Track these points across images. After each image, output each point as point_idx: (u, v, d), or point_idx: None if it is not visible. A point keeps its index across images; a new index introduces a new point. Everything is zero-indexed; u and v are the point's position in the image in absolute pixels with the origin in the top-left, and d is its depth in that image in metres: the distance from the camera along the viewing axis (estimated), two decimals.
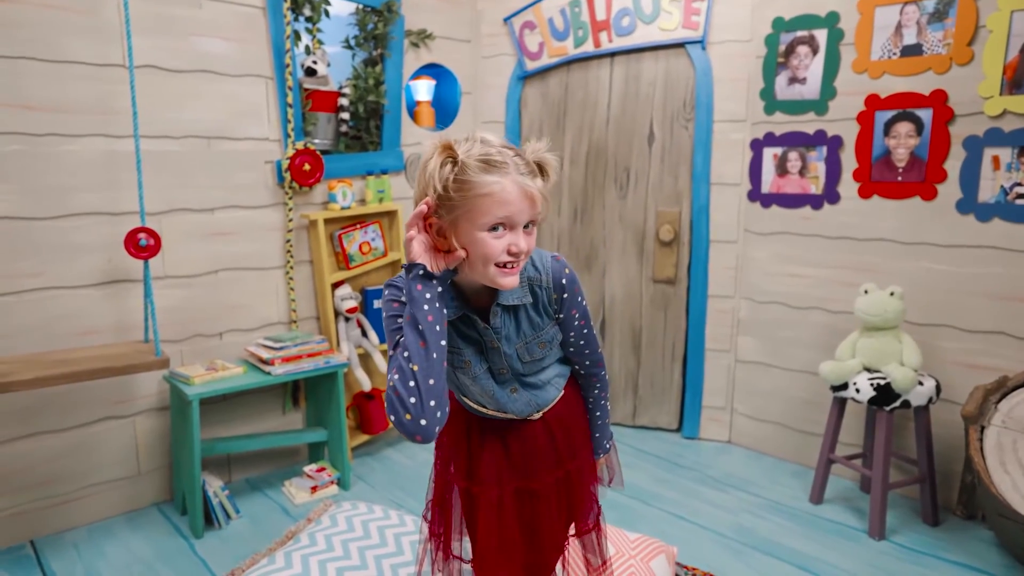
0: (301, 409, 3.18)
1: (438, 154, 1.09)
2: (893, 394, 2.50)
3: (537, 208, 1.14)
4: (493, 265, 1.13)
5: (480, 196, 1.09)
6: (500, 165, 1.10)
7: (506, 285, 1.16)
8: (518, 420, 1.37)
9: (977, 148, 2.58)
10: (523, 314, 1.27)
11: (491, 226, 1.11)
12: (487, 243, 1.11)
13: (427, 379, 1.08)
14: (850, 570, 2.36)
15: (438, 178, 1.08)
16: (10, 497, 2.45)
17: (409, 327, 1.10)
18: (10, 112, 2.31)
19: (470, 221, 1.10)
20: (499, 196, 1.09)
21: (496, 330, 1.25)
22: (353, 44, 3.21)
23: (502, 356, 1.28)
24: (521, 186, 1.11)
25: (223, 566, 2.35)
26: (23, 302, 2.42)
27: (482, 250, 1.12)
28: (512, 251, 1.12)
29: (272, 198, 2.98)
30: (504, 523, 1.33)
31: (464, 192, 1.09)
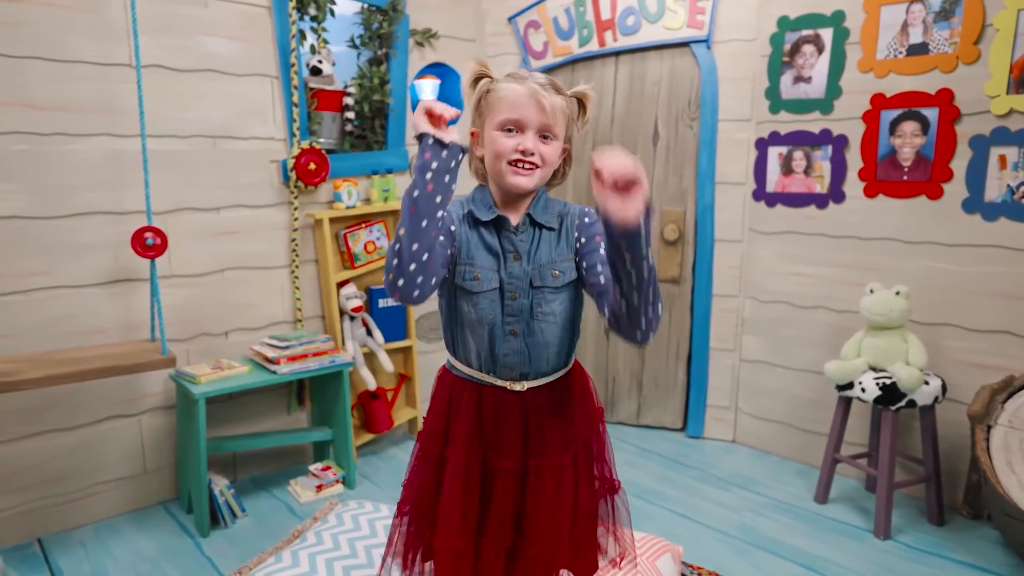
0: (306, 408, 3.18)
1: (475, 69, 1.29)
2: (899, 393, 2.49)
3: (548, 118, 1.24)
4: (506, 163, 1.25)
5: (497, 99, 1.26)
6: (521, 77, 1.27)
7: (519, 184, 1.26)
8: (497, 389, 1.34)
9: (983, 147, 2.57)
10: (547, 236, 1.34)
11: (504, 126, 1.25)
12: (498, 140, 1.25)
13: (411, 243, 1.12)
14: (855, 569, 2.36)
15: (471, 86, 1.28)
16: (17, 495, 2.46)
17: (406, 194, 1.14)
18: (15, 111, 2.32)
19: (488, 122, 1.27)
20: (510, 98, 1.24)
21: (520, 236, 1.32)
22: (358, 43, 3.21)
23: (520, 269, 1.30)
24: (534, 93, 1.24)
25: (229, 565, 2.35)
26: (30, 301, 2.42)
27: (494, 147, 1.26)
28: (520, 149, 1.24)
29: (277, 197, 2.98)
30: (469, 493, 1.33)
31: (487, 98, 1.27)
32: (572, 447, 1.39)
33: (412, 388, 3.45)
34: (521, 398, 1.34)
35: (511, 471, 1.34)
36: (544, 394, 1.36)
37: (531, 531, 1.34)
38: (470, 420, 1.35)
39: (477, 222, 1.32)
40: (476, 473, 1.34)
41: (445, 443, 1.38)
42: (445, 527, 1.33)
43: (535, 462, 1.35)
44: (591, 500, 1.44)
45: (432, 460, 1.39)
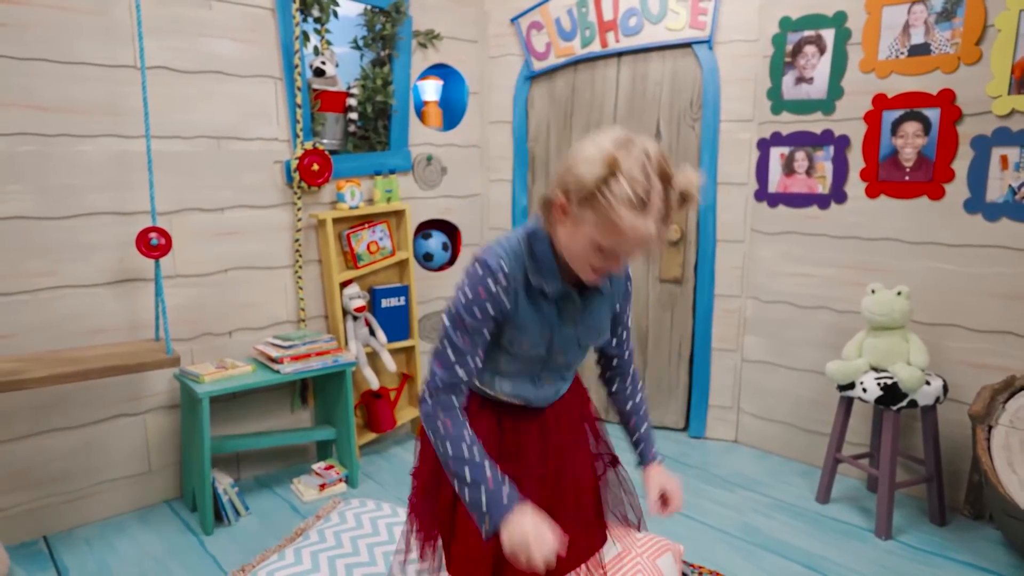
0: (309, 408, 3.20)
1: (604, 163, 1.10)
2: (900, 394, 2.50)
3: (648, 251, 1.23)
4: (587, 267, 1.20)
5: (611, 221, 1.11)
6: (645, 207, 1.10)
7: (589, 282, 1.24)
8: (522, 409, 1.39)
9: (985, 148, 2.58)
10: (597, 300, 1.34)
11: (603, 249, 1.16)
12: (590, 253, 1.17)
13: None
14: (857, 569, 2.37)
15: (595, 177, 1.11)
16: (23, 493, 2.48)
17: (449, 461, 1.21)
18: (23, 113, 2.34)
19: (590, 228, 1.14)
20: (625, 234, 1.12)
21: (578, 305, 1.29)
22: (361, 45, 3.23)
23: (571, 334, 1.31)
24: (647, 234, 1.13)
25: (233, 562, 2.37)
26: (36, 301, 2.45)
27: (584, 254, 1.18)
28: (606, 270, 1.20)
29: (281, 198, 3.00)
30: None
31: (601, 209, 1.11)
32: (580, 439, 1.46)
33: (415, 388, 3.46)
34: (541, 413, 1.41)
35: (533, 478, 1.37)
36: (557, 404, 1.43)
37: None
38: (490, 435, 1.37)
39: (536, 291, 1.26)
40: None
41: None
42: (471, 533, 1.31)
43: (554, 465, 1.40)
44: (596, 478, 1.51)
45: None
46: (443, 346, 1.25)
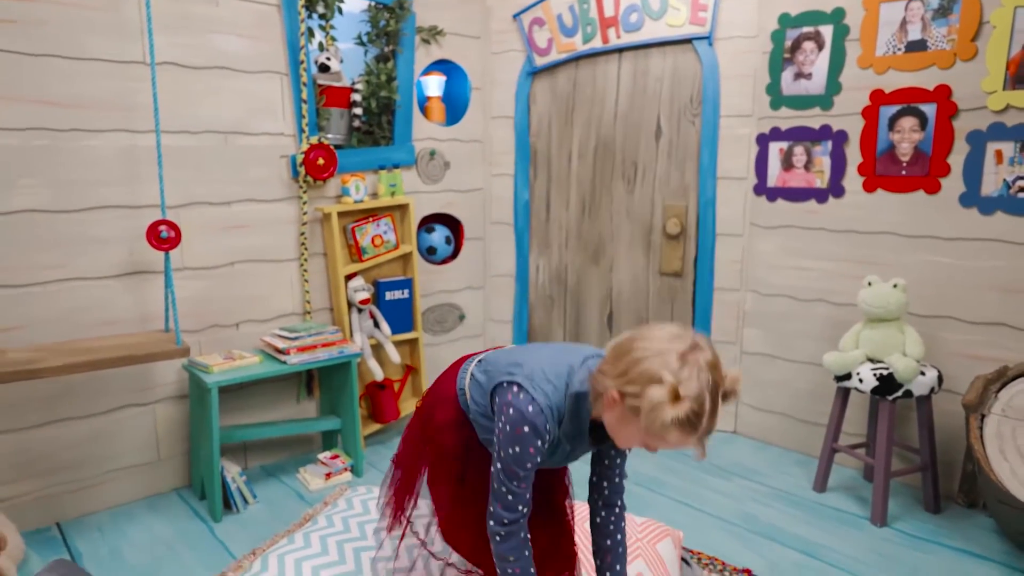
0: (315, 398, 3.25)
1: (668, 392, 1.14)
2: (895, 384, 2.54)
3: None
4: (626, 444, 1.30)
5: (660, 436, 1.18)
6: (695, 429, 1.17)
7: (621, 447, 1.37)
8: None
9: (980, 142, 2.62)
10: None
11: (646, 444, 1.25)
12: (633, 439, 1.25)
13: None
14: (852, 555, 2.42)
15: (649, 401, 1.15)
16: (36, 481, 2.53)
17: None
18: (35, 108, 2.38)
19: (638, 430, 1.20)
20: (671, 443, 1.20)
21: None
22: (365, 40, 3.27)
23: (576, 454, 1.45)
24: (688, 445, 1.20)
25: (242, 548, 2.42)
26: (47, 293, 2.49)
27: (626, 439, 1.27)
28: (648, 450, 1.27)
29: (287, 192, 3.04)
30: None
31: (654, 426, 1.16)
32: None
33: (418, 380, 3.52)
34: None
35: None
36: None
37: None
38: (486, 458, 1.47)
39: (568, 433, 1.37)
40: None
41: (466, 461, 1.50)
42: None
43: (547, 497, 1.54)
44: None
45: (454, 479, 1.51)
46: (503, 491, 1.33)
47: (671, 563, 2.10)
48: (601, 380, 1.24)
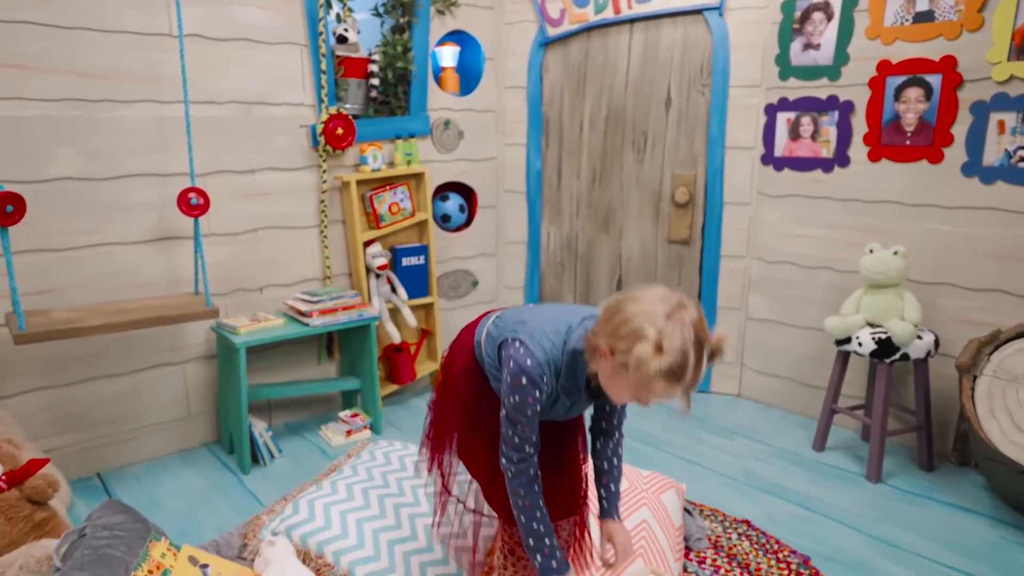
0: (335, 360, 3.39)
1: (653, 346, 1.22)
2: (893, 347, 2.65)
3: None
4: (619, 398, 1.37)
5: (647, 387, 1.26)
6: (679, 380, 1.24)
7: (616, 403, 1.48)
8: None
9: (983, 113, 2.68)
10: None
11: (636, 395, 1.32)
12: (625, 393, 1.33)
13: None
14: (847, 508, 2.55)
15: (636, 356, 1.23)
16: (79, 433, 2.69)
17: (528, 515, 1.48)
18: (69, 79, 2.49)
19: (628, 383, 1.29)
20: (656, 395, 1.28)
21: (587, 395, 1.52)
22: (381, 11, 3.33)
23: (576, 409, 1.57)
24: (674, 395, 1.28)
25: (270, 497, 2.58)
26: (84, 257, 2.63)
27: (619, 393, 1.35)
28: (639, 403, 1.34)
29: (307, 161, 3.15)
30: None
31: (640, 377, 1.24)
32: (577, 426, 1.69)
33: (434, 342, 3.65)
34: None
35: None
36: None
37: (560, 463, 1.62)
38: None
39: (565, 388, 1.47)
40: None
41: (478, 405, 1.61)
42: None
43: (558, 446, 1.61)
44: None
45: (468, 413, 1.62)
46: (510, 434, 1.45)
47: (674, 512, 2.24)
48: (594, 339, 1.34)
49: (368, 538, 1.98)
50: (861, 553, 2.29)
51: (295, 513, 2.07)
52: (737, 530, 2.40)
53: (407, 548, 1.99)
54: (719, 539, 2.35)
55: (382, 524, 2.03)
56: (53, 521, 2.03)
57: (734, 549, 2.29)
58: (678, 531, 2.21)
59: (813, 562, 2.23)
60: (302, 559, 1.95)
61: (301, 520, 2.04)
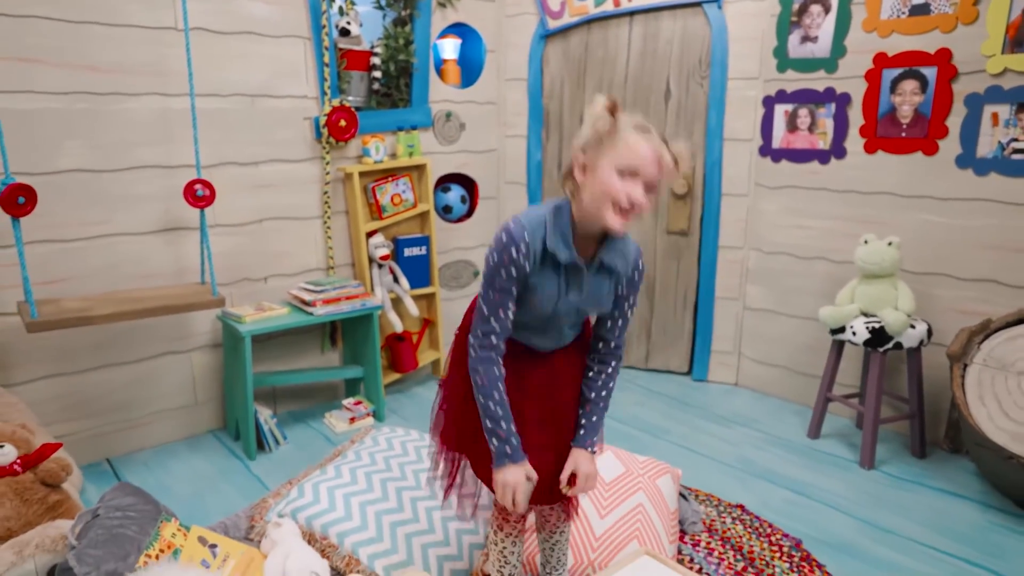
0: (338, 349, 3.45)
1: (606, 108, 1.36)
2: (886, 336, 2.70)
3: (662, 174, 1.38)
4: (611, 204, 1.37)
5: (624, 144, 1.35)
6: (646, 130, 1.37)
7: (615, 227, 1.39)
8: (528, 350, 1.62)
9: (978, 105, 2.71)
10: (605, 276, 1.51)
11: (623, 172, 1.35)
12: (614, 182, 1.36)
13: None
14: (839, 494, 2.61)
15: (600, 121, 1.36)
16: (89, 420, 2.76)
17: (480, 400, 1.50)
18: (78, 73, 2.53)
19: (610, 160, 1.36)
20: (637, 150, 1.34)
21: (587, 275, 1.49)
22: (383, 4, 3.37)
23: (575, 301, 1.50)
24: (658, 152, 1.36)
25: (276, 482, 2.64)
26: (93, 247, 2.68)
27: (607, 187, 1.36)
28: (631, 198, 1.36)
29: (310, 152, 3.19)
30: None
31: (612, 137, 1.36)
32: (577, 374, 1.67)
33: (435, 332, 3.71)
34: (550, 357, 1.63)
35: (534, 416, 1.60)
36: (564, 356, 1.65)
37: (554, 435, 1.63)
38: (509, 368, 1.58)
39: (551, 258, 1.45)
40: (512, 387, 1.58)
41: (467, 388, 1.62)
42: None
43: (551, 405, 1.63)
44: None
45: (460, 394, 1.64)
46: (481, 302, 1.48)
47: (670, 496, 2.29)
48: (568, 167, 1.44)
49: (371, 520, 2.05)
50: (852, 536, 2.34)
51: (300, 496, 2.13)
52: (731, 514, 2.46)
53: (409, 530, 2.05)
54: (713, 523, 2.40)
55: (384, 507, 2.10)
56: (67, 503, 2.09)
57: (728, 532, 2.35)
58: (673, 515, 2.27)
59: (805, 545, 2.29)
60: (307, 540, 2.01)
61: (306, 503, 2.10)
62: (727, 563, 2.19)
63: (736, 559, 2.21)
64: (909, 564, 2.20)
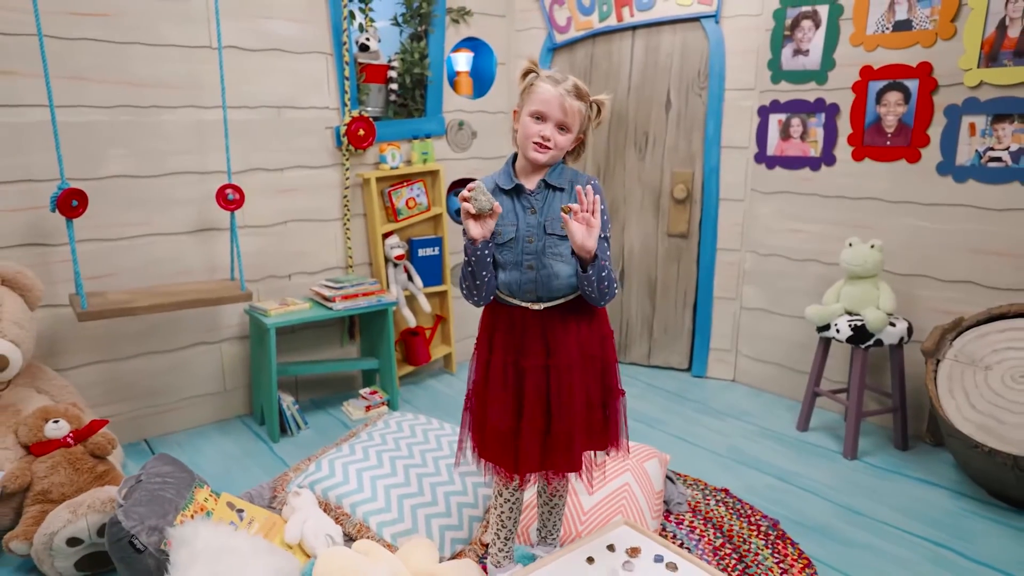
0: (356, 342, 3.69)
1: (528, 67, 1.72)
2: (867, 334, 2.86)
3: (566, 116, 1.67)
4: (531, 142, 1.68)
5: (535, 93, 1.68)
6: (556, 81, 1.68)
7: (534, 159, 1.69)
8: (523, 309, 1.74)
9: (956, 116, 2.87)
10: (558, 195, 1.73)
11: (534, 115, 1.68)
12: (528, 125, 1.69)
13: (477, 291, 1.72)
14: (820, 480, 2.78)
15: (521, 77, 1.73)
16: (129, 403, 3.03)
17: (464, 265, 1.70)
18: (121, 88, 2.80)
19: (525, 108, 1.70)
20: (543, 95, 1.67)
21: (535, 196, 1.73)
22: (400, 21, 3.60)
23: (536, 222, 1.71)
24: (561, 96, 1.66)
25: (297, 461, 2.88)
26: (133, 246, 2.95)
27: (524, 129, 1.69)
28: (541, 135, 1.66)
29: (331, 159, 3.44)
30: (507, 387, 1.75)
31: (530, 89, 1.70)
32: (583, 353, 1.77)
33: (447, 328, 3.93)
34: (539, 315, 1.75)
35: (536, 369, 1.75)
36: (557, 312, 1.76)
37: (556, 413, 1.75)
38: (504, 332, 1.78)
39: (501, 190, 1.74)
40: (512, 371, 1.76)
41: (490, 351, 1.81)
42: (492, 411, 1.77)
43: (552, 362, 1.75)
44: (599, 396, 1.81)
45: (482, 363, 1.83)
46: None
47: (656, 478, 2.49)
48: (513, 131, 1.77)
49: (380, 492, 2.27)
50: (827, 519, 2.51)
51: (318, 470, 2.37)
52: (716, 497, 2.64)
53: (414, 502, 2.27)
54: (698, 505, 2.59)
55: (393, 481, 2.32)
56: (112, 473, 2.35)
57: (711, 513, 2.53)
58: (658, 495, 2.46)
59: (781, 525, 2.47)
60: (323, 509, 2.24)
61: (323, 476, 2.33)
62: (707, 539, 2.37)
63: (716, 536, 2.39)
64: (880, 545, 2.36)
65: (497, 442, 1.78)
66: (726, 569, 2.20)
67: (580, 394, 1.75)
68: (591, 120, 1.75)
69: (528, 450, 1.74)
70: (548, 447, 1.77)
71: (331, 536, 2.10)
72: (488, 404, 1.78)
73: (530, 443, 1.75)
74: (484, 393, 1.79)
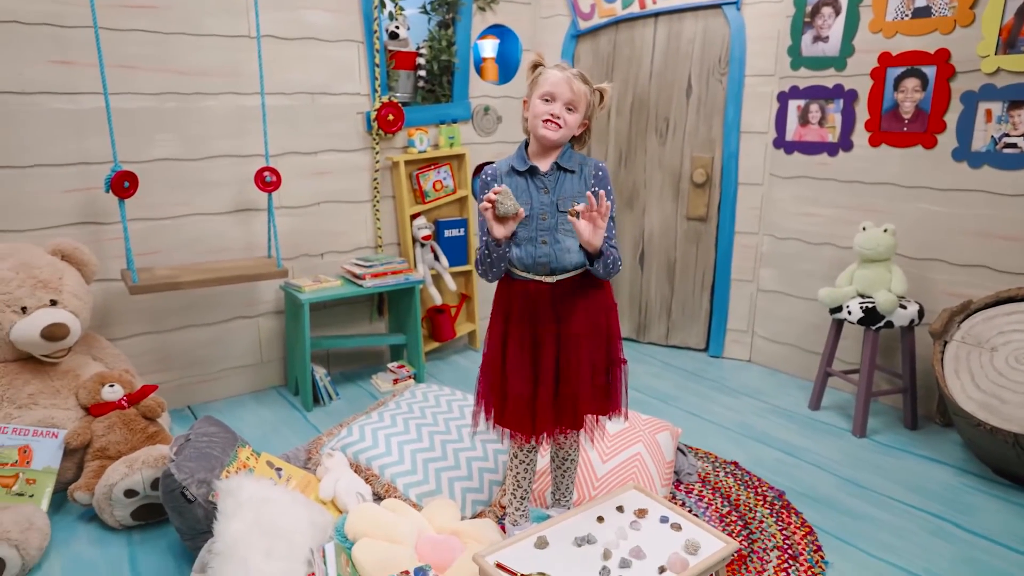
0: (384, 318, 3.87)
1: (532, 63, 1.87)
2: (878, 315, 2.94)
3: (573, 96, 1.80)
4: (540, 121, 1.81)
5: (543, 78, 1.82)
6: (562, 68, 1.83)
7: (546, 136, 1.81)
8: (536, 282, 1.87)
9: (972, 102, 2.91)
10: (569, 177, 1.87)
11: (543, 96, 1.81)
12: (538, 105, 1.83)
13: (493, 272, 1.89)
14: (827, 456, 2.88)
15: (529, 70, 1.86)
16: (174, 372, 3.24)
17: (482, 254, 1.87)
18: (168, 76, 2.98)
19: (534, 94, 1.84)
20: (551, 79, 1.80)
21: (548, 177, 1.87)
22: (429, 9, 3.72)
23: (549, 200, 1.85)
24: (568, 78, 1.80)
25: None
26: (177, 225, 3.14)
27: (535, 109, 1.83)
28: (550, 112, 1.79)
29: (362, 143, 3.59)
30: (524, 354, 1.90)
31: (537, 79, 1.84)
32: (590, 323, 1.91)
33: (472, 306, 4.09)
34: (551, 288, 1.89)
35: (548, 337, 1.89)
36: (567, 286, 1.89)
37: (564, 376, 1.91)
38: (519, 306, 1.91)
39: (516, 172, 1.88)
40: (528, 340, 1.91)
41: (506, 323, 1.95)
42: (512, 379, 1.91)
43: (563, 330, 1.90)
44: (604, 364, 1.96)
45: (498, 335, 1.97)
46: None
47: (667, 448, 2.62)
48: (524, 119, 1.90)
49: (407, 456, 2.44)
50: (831, 491, 2.62)
51: (349, 435, 2.54)
52: (725, 469, 2.76)
53: (439, 466, 2.43)
54: (708, 475, 2.72)
55: (419, 446, 2.49)
56: (161, 434, 2.56)
57: (719, 484, 2.66)
58: (668, 465, 2.59)
59: (787, 496, 2.59)
60: (354, 470, 2.42)
61: (354, 440, 2.51)
62: (714, 507, 2.50)
63: (723, 504, 2.52)
64: (880, 516, 2.47)
65: (517, 408, 1.92)
66: (731, 534, 2.33)
67: (587, 361, 1.90)
68: (594, 107, 1.88)
69: (543, 414, 1.89)
70: (557, 408, 1.93)
71: (362, 494, 2.27)
72: (508, 373, 1.92)
73: (544, 407, 1.90)
74: (502, 363, 1.93)
